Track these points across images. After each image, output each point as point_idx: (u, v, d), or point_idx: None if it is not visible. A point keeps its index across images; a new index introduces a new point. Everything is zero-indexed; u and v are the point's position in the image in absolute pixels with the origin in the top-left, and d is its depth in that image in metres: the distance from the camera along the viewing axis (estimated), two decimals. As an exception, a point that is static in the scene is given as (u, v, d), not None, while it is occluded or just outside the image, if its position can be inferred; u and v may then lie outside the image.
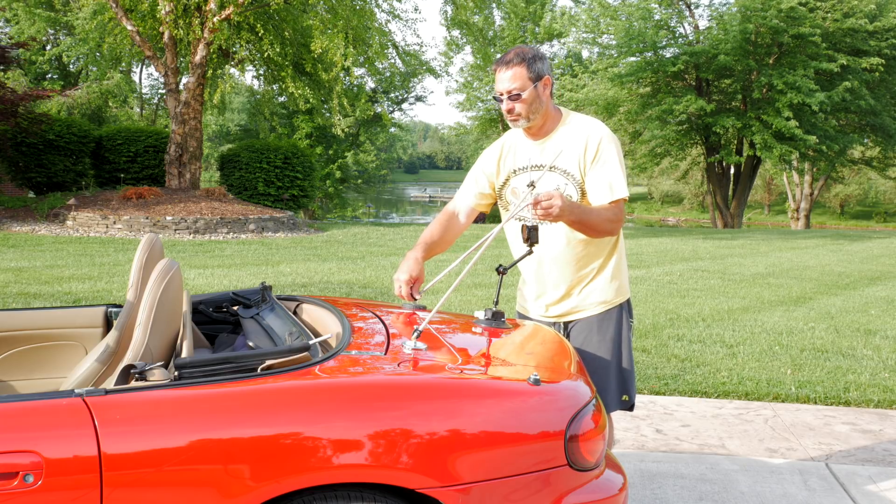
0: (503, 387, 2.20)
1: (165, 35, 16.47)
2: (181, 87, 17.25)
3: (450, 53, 38.83)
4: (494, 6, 32.71)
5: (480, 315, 2.85)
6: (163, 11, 15.98)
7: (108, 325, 3.00)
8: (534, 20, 43.06)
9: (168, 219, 14.73)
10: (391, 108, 46.42)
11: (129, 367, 2.09)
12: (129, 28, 16.41)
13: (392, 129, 47.99)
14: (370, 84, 37.50)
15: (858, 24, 24.07)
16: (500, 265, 2.86)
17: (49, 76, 31.28)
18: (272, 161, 19.24)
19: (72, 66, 30.59)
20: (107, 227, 14.55)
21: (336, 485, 1.95)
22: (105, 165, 18.87)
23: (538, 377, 2.21)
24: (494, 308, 2.83)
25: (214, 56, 18.30)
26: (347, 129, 38.40)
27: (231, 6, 15.52)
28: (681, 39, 28.29)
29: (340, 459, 1.91)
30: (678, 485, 3.60)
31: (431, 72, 26.39)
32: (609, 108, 28.95)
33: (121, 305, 3.02)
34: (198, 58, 16.37)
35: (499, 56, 2.93)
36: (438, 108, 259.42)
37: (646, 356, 5.91)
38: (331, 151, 42.42)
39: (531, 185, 2.71)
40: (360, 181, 49.18)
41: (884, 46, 24.84)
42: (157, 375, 2.03)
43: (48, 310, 2.98)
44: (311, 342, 2.26)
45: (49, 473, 1.76)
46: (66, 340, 2.95)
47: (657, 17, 27.36)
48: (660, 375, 5.39)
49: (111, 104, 29.46)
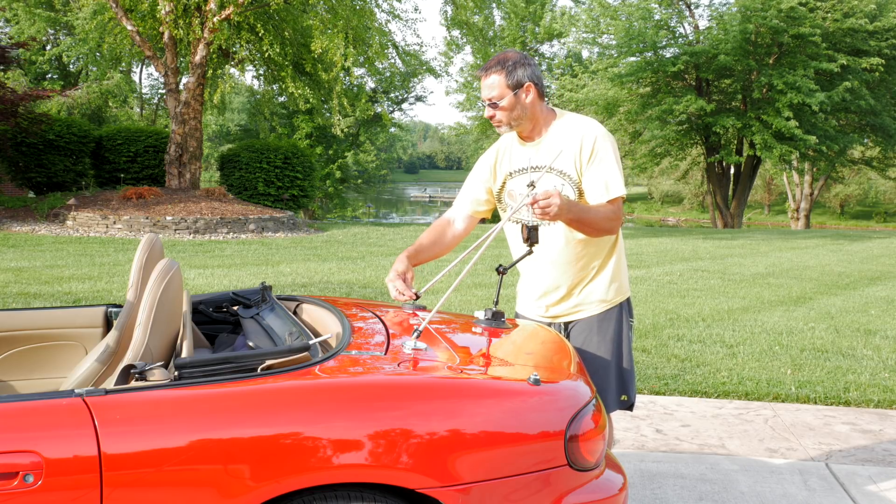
0: (503, 387, 2.20)
1: (165, 35, 16.46)
2: (181, 87, 17.25)
3: (450, 53, 38.82)
4: (494, 6, 32.67)
5: (480, 315, 2.85)
6: (163, 11, 15.98)
7: (108, 325, 3.00)
8: (534, 20, 43.08)
9: (168, 219, 14.73)
10: (391, 108, 46.42)
11: (129, 367, 2.09)
12: (129, 28, 16.41)
13: (392, 129, 48.00)
14: (370, 84, 37.51)
15: (858, 24, 24.07)
16: (500, 265, 2.86)
17: (49, 76, 31.28)
18: (272, 161, 19.24)
19: (72, 66, 30.59)
20: (107, 227, 14.55)
21: (336, 485, 1.95)
22: (105, 165, 18.87)
23: (538, 377, 2.21)
24: (494, 308, 2.83)
25: (214, 56, 18.30)
26: (347, 129, 38.40)
27: (231, 6, 15.52)
28: (681, 39, 28.30)
29: (340, 459, 1.91)
30: (678, 485, 3.60)
31: (431, 72, 26.39)
32: (609, 108, 28.95)
33: (121, 305, 3.02)
34: (198, 58, 16.37)
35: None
36: (438, 108, 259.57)
37: (646, 356, 5.91)
38: (331, 151, 42.42)
39: (531, 185, 2.71)
40: (360, 181, 49.18)
41: (884, 46, 24.85)
42: (157, 375, 2.03)
43: (48, 310, 2.97)
44: (311, 342, 2.26)
45: (49, 473, 1.76)
46: (66, 340, 2.95)
47: (657, 17, 27.36)
48: (660, 375, 5.39)
49: (111, 104, 29.46)
